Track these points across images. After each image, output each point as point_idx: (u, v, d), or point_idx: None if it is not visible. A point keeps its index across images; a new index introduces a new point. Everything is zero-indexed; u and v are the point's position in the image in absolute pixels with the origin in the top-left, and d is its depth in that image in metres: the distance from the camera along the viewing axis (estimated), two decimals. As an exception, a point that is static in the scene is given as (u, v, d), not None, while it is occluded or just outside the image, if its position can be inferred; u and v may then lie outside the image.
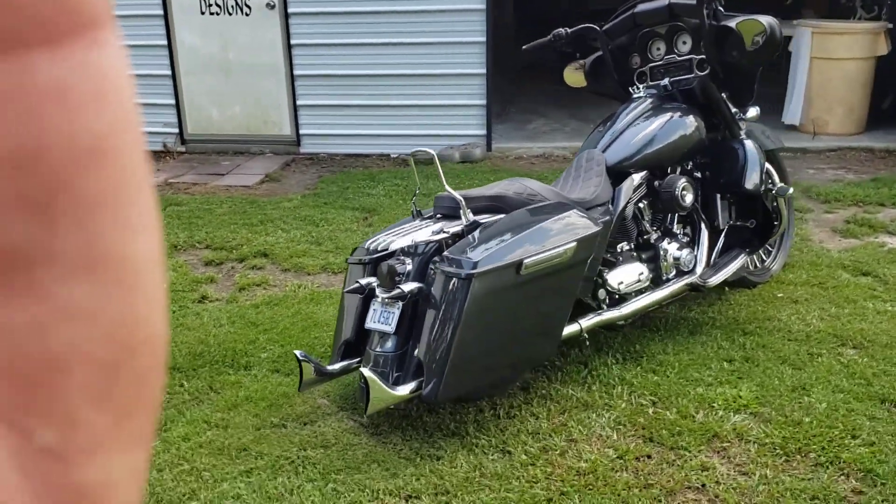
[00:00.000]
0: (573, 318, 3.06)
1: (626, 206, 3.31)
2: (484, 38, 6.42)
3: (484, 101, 6.62)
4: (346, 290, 2.88)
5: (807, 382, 3.03)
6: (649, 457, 2.64)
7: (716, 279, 3.43)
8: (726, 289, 3.87)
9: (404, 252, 2.80)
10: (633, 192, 3.35)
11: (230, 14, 6.75)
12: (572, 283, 2.89)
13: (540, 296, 2.78)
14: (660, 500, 2.42)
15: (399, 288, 2.66)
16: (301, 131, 6.96)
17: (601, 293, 3.16)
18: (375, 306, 2.78)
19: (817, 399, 2.91)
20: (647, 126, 3.42)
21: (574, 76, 3.80)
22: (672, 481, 2.50)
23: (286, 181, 6.26)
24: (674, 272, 3.42)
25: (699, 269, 3.46)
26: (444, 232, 2.80)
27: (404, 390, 2.61)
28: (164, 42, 6.90)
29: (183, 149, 7.18)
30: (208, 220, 5.18)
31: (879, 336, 3.35)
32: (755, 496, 2.43)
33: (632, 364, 3.21)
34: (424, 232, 2.83)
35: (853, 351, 3.28)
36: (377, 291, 2.73)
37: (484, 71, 6.52)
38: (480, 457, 2.65)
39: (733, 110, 3.60)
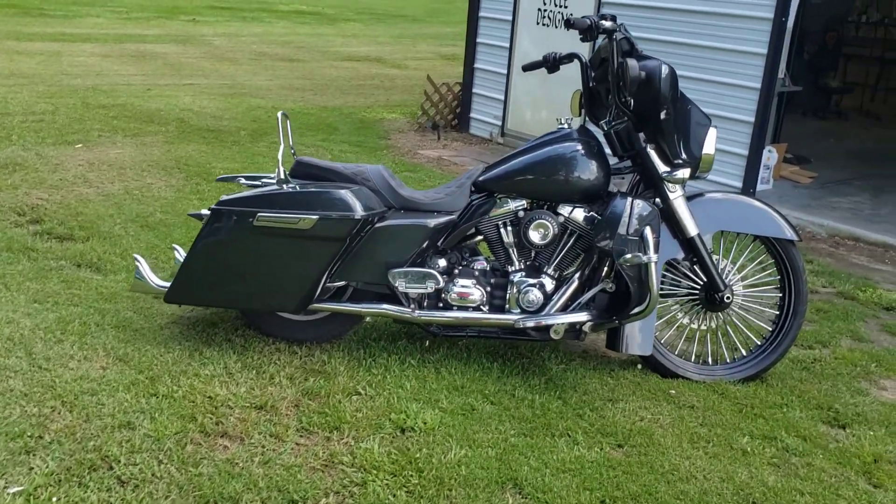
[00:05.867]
0: (363, 301, 3.30)
1: (482, 223, 3.29)
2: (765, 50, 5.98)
3: (752, 119, 6.10)
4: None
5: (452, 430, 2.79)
6: (261, 409, 2.91)
7: (527, 322, 3.17)
8: (639, 366, 3.43)
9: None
10: (496, 214, 3.29)
11: (556, 28, 7.39)
12: (316, 252, 3.14)
13: (274, 250, 3.14)
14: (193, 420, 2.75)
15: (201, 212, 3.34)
16: (583, 144, 7.27)
17: (411, 290, 3.26)
18: None
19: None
20: (530, 156, 3.29)
21: (573, 103, 3.70)
22: (229, 424, 2.78)
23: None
24: (518, 309, 3.27)
25: (544, 313, 3.23)
26: (261, 182, 3.35)
27: (160, 285, 3.31)
28: (507, 44, 7.87)
29: (501, 140, 8.10)
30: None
31: (649, 440, 2.82)
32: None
33: (413, 366, 3.29)
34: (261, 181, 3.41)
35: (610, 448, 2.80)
36: None
37: (759, 86, 6.03)
38: (193, 349, 3.23)
39: (661, 169, 3.20)
